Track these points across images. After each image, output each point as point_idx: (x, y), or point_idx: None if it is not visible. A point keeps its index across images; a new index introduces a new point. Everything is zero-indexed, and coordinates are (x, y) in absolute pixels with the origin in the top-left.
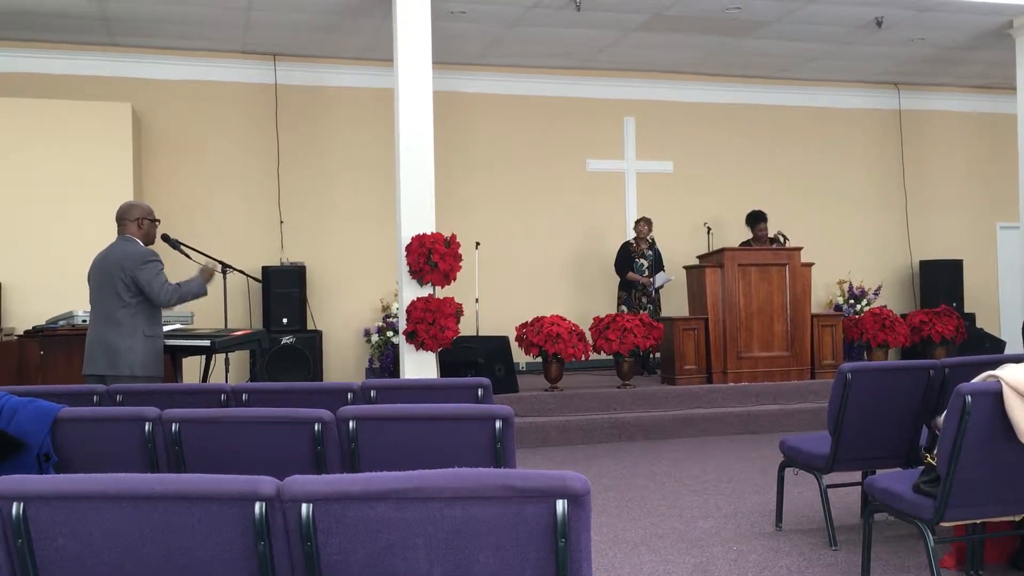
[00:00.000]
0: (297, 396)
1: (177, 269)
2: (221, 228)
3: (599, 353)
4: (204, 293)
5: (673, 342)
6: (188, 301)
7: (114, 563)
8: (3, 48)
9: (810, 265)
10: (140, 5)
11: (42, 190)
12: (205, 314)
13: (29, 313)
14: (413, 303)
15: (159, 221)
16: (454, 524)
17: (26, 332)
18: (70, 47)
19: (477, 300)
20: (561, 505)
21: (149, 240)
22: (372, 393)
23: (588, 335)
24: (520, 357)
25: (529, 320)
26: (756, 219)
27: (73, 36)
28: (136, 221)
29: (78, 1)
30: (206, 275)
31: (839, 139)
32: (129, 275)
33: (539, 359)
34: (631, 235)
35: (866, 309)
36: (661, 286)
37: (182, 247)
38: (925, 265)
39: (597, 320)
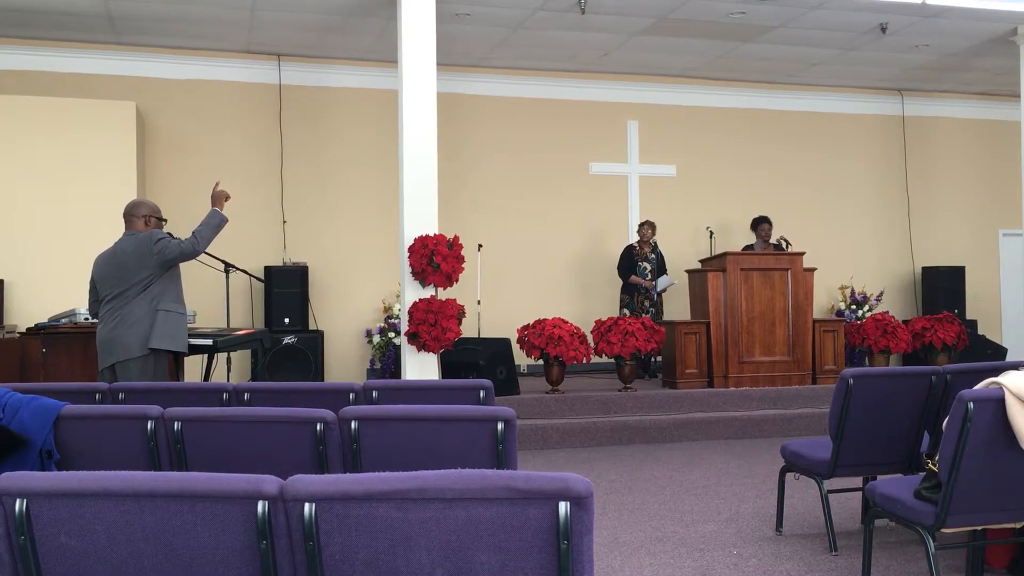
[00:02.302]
0: (299, 396)
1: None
2: (224, 227)
3: (600, 356)
4: (225, 219)
5: (675, 346)
6: (216, 233)
7: (116, 561)
8: (8, 46)
9: (812, 270)
10: (145, 4)
11: (45, 188)
12: (207, 313)
13: (32, 310)
14: (415, 304)
15: (166, 220)
16: (456, 525)
17: (28, 329)
18: (75, 45)
19: (479, 302)
20: (563, 507)
21: None
22: (374, 394)
23: (590, 338)
24: (521, 359)
25: (531, 322)
26: (759, 221)
27: (78, 34)
28: (143, 218)
29: (84, 0)
30: (220, 201)
31: (842, 144)
32: (148, 260)
33: (540, 361)
34: (633, 238)
35: (868, 315)
36: (664, 290)
37: None
38: (927, 271)
39: (599, 323)
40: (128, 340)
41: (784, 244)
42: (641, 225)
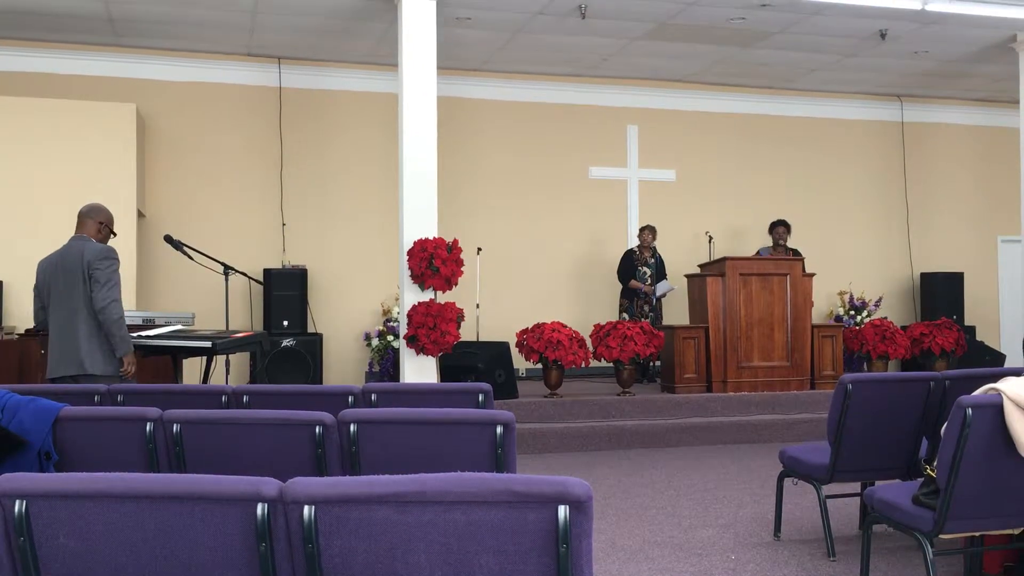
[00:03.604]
0: (298, 398)
1: (180, 269)
2: (223, 230)
3: (599, 360)
4: (125, 347)
5: (673, 350)
6: (114, 332)
7: (115, 562)
8: (8, 47)
9: (811, 275)
10: (146, 6)
11: (45, 190)
12: (206, 315)
13: (30, 312)
14: (414, 307)
15: (116, 235)
16: (455, 528)
17: (27, 331)
18: (76, 47)
19: (478, 305)
20: (563, 511)
21: None
22: (373, 396)
23: (589, 342)
24: (520, 363)
25: (530, 326)
26: (774, 224)
27: (79, 36)
28: (98, 224)
29: (85, 1)
30: (128, 365)
31: (842, 150)
32: (89, 270)
33: (539, 365)
34: (633, 243)
35: (867, 320)
36: (663, 295)
37: (184, 248)
38: (926, 277)
39: (598, 327)
40: (77, 358)
41: (787, 250)
42: (642, 230)
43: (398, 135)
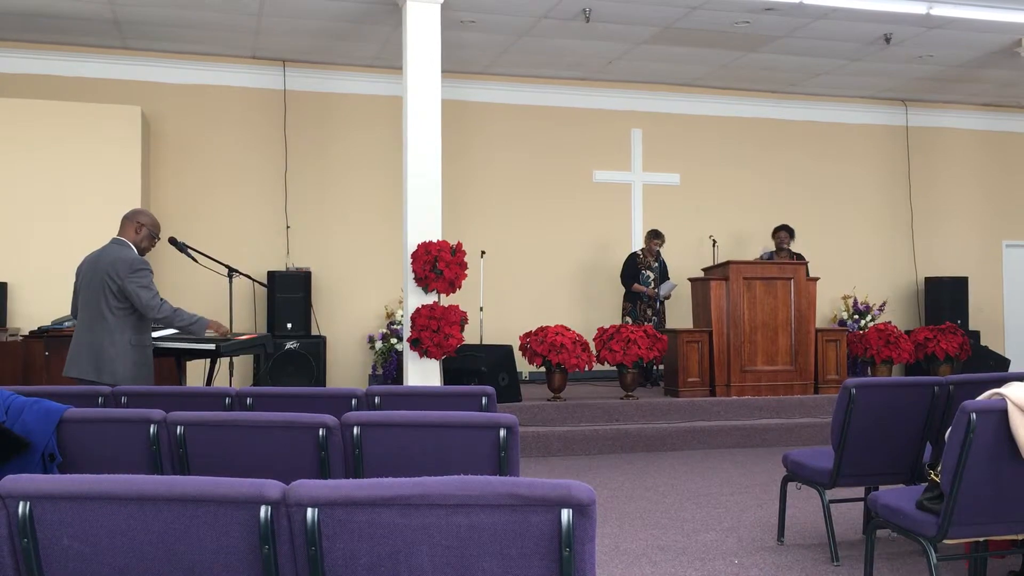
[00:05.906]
0: (301, 401)
1: (184, 271)
2: (228, 232)
3: (603, 364)
4: (197, 333)
5: (677, 354)
6: (177, 328)
7: (119, 564)
8: (14, 49)
9: (815, 280)
10: (152, 9)
11: (49, 191)
12: (210, 317)
13: (34, 314)
14: (418, 310)
15: (159, 239)
16: (459, 531)
17: (31, 332)
18: (81, 49)
19: (482, 309)
20: (566, 514)
21: (141, 251)
22: (376, 399)
23: (592, 345)
24: (524, 366)
25: (533, 329)
26: (776, 229)
27: (84, 39)
28: (136, 225)
29: (90, 4)
30: (216, 328)
31: (846, 154)
32: (117, 282)
33: (542, 369)
34: (637, 247)
35: (871, 325)
36: (667, 295)
37: (189, 250)
38: (930, 282)
39: (601, 331)
40: (93, 363)
41: (791, 255)
42: (652, 237)
43: (402, 138)
